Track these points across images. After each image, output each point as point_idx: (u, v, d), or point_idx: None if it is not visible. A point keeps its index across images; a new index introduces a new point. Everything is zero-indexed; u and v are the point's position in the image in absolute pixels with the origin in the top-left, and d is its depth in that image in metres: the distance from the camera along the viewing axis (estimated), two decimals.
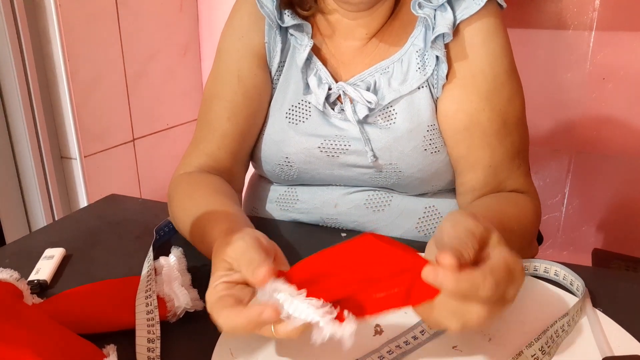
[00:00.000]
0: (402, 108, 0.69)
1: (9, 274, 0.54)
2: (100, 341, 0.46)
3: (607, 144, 1.49)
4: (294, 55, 0.73)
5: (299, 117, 0.72)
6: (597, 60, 1.43)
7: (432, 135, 0.69)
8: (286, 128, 0.73)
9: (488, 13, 0.67)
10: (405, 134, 0.69)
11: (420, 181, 0.71)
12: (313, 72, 0.72)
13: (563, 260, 0.60)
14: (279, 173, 0.75)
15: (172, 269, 0.57)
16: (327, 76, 0.72)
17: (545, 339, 0.47)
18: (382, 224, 0.74)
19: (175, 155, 1.74)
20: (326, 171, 0.73)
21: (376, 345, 0.48)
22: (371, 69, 0.71)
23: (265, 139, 0.75)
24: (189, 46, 1.76)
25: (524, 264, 0.60)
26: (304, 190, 0.76)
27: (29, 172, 1.36)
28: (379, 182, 0.72)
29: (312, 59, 0.73)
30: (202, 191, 0.68)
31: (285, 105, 0.73)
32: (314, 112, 0.72)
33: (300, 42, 0.72)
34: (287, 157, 0.73)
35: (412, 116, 0.69)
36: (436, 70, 0.68)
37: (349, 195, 0.74)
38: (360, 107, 0.69)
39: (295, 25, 0.72)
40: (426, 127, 0.69)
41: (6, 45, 1.25)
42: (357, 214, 0.74)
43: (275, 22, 0.72)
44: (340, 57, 0.73)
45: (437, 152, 0.70)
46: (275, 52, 0.74)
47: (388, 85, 0.70)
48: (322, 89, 0.71)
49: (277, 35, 0.73)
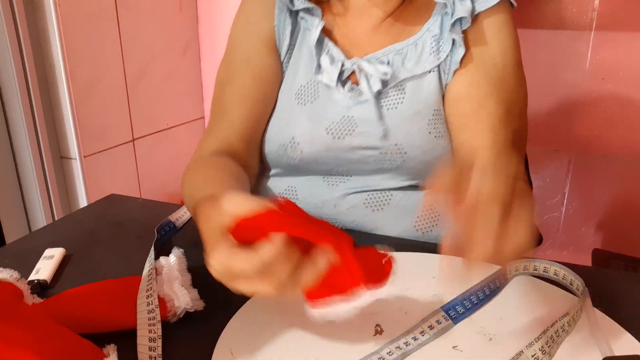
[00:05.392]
0: (410, 90, 0.71)
1: (9, 274, 0.54)
2: (100, 341, 0.46)
3: (607, 144, 1.49)
4: (305, 38, 0.76)
5: (307, 98, 0.74)
6: (597, 60, 1.43)
7: (436, 120, 0.71)
8: (295, 108, 0.74)
9: (502, 9, 0.72)
10: (412, 116, 0.71)
11: (424, 164, 0.72)
12: (325, 51, 0.74)
13: (563, 260, 0.60)
14: (282, 154, 0.75)
15: (173, 269, 0.57)
16: (339, 54, 0.74)
17: (545, 339, 0.47)
18: (381, 222, 0.74)
19: (175, 155, 1.74)
20: (330, 154, 0.73)
21: (376, 346, 0.48)
22: (385, 50, 0.73)
23: (273, 119, 0.76)
24: (188, 46, 1.76)
25: (524, 263, 0.60)
26: (303, 189, 0.77)
27: (28, 172, 1.36)
28: (383, 165, 0.72)
29: (323, 40, 0.75)
30: (210, 169, 0.69)
31: (295, 85, 0.75)
32: (322, 92, 0.73)
33: (311, 23, 0.74)
34: (293, 137, 0.74)
35: (420, 99, 0.71)
36: (450, 56, 0.71)
37: (348, 196, 0.74)
38: (374, 80, 0.71)
39: (305, 8, 0.74)
40: (432, 111, 0.71)
41: (6, 46, 1.25)
42: (356, 213, 0.74)
43: (286, 5, 0.75)
44: (353, 37, 0.75)
45: (440, 137, 0.72)
46: (284, 35, 0.76)
47: (402, 65, 0.72)
48: (335, 66, 0.73)
49: (287, 18, 0.76)
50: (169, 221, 0.72)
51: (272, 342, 0.49)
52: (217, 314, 0.52)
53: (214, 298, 0.53)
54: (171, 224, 0.72)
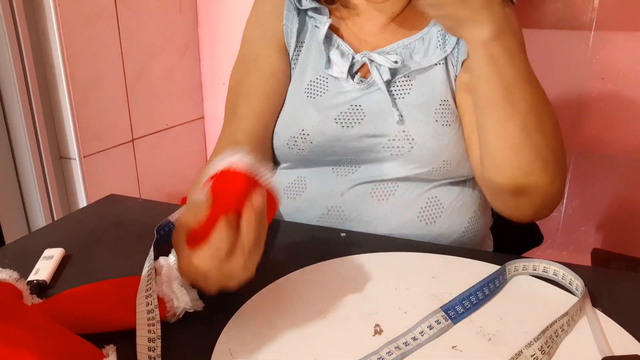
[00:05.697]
0: (417, 82, 0.74)
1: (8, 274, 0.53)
2: (100, 341, 0.46)
3: (607, 144, 1.49)
4: (314, 36, 0.78)
5: (317, 92, 0.76)
6: (597, 60, 1.43)
7: (443, 109, 0.73)
8: (304, 102, 0.76)
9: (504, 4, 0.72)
10: (419, 105, 0.73)
11: (431, 152, 0.72)
12: (335, 46, 0.77)
13: (562, 260, 0.60)
14: (292, 147, 0.76)
15: (172, 269, 0.57)
16: (348, 49, 0.76)
17: (544, 339, 0.47)
18: (385, 212, 0.74)
19: (175, 155, 1.74)
20: (339, 143, 0.74)
21: (375, 346, 0.48)
22: (393, 45, 0.76)
23: (282, 114, 0.78)
24: (188, 46, 1.76)
25: (523, 263, 0.60)
26: (312, 179, 0.77)
27: (28, 172, 1.36)
28: (392, 152, 0.73)
29: (332, 36, 0.77)
30: None
31: (304, 81, 0.77)
32: (332, 86, 0.75)
33: (319, 21, 0.77)
34: (302, 129, 0.75)
35: (426, 90, 0.73)
36: (457, 48, 0.74)
37: (356, 186, 0.75)
38: (383, 70, 0.73)
39: (313, 8, 0.77)
40: (439, 101, 0.73)
41: (5, 46, 1.25)
42: (361, 202, 0.75)
43: (294, 4, 0.78)
44: (361, 35, 0.78)
45: (448, 126, 0.73)
46: (292, 33, 0.78)
47: (410, 58, 0.75)
48: (345, 59, 0.75)
49: (294, 17, 0.78)
50: (168, 221, 0.72)
51: (271, 342, 0.49)
52: (217, 314, 0.52)
53: (213, 298, 0.53)
54: (171, 224, 0.72)
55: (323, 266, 0.62)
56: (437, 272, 0.61)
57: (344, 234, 0.72)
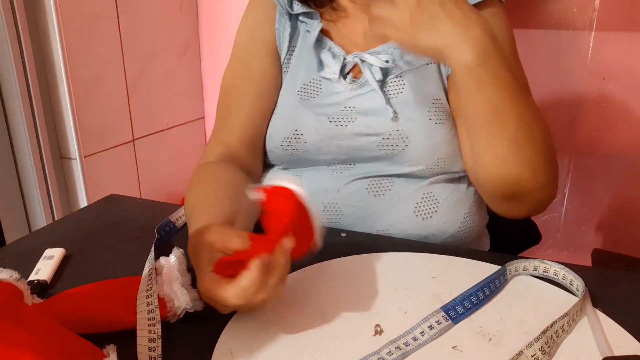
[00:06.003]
0: (410, 81, 0.74)
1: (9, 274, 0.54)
2: (100, 341, 0.46)
3: (607, 144, 1.49)
4: (305, 40, 0.78)
5: (310, 94, 0.76)
6: (597, 60, 1.43)
7: (436, 108, 0.73)
8: (298, 104, 0.76)
9: (491, 3, 0.74)
10: (412, 104, 0.73)
11: (426, 150, 0.72)
12: (326, 48, 0.77)
13: (563, 260, 0.60)
14: (286, 148, 0.76)
15: (172, 269, 0.57)
16: (339, 51, 0.77)
17: (545, 339, 0.47)
18: (381, 208, 0.74)
19: (175, 155, 1.74)
20: (333, 142, 0.74)
21: (376, 346, 0.48)
22: (384, 45, 0.76)
23: (276, 115, 0.78)
24: (188, 46, 1.76)
25: (524, 263, 0.60)
26: (309, 176, 0.77)
27: (28, 172, 1.36)
28: (386, 151, 0.73)
29: (323, 39, 0.78)
30: (209, 186, 0.70)
31: (297, 84, 0.77)
32: (325, 88, 0.76)
33: (310, 25, 0.78)
34: (296, 130, 0.75)
35: (419, 89, 0.74)
36: None
37: (352, 182, 0.75)
38: (375, 69, 0.74)
39: (304, 12, 0.78)
40: (432, 100, 0.73)
41: (6, 45, 1.25)
42: (357, 198, 0.75)
43: (285, 9, 0.78)
44: (351, 37, 0.78)
45: (441, 123, 0.73)
46: (284, 37, 0.79)
47: (401, 59, 0.75)
48: (337, 60, 0.76)
49: (286, 22, 0.79)
50: (169, 221, 0.72)
51: (271, 343, 0.49)
52: (217, 315, 0.52)
53: None
54: (171, 224, 0.72)
55: (323, 266, 0.62)
56: (438, 272, 0.61)
57: (345, 234, 0.72)
